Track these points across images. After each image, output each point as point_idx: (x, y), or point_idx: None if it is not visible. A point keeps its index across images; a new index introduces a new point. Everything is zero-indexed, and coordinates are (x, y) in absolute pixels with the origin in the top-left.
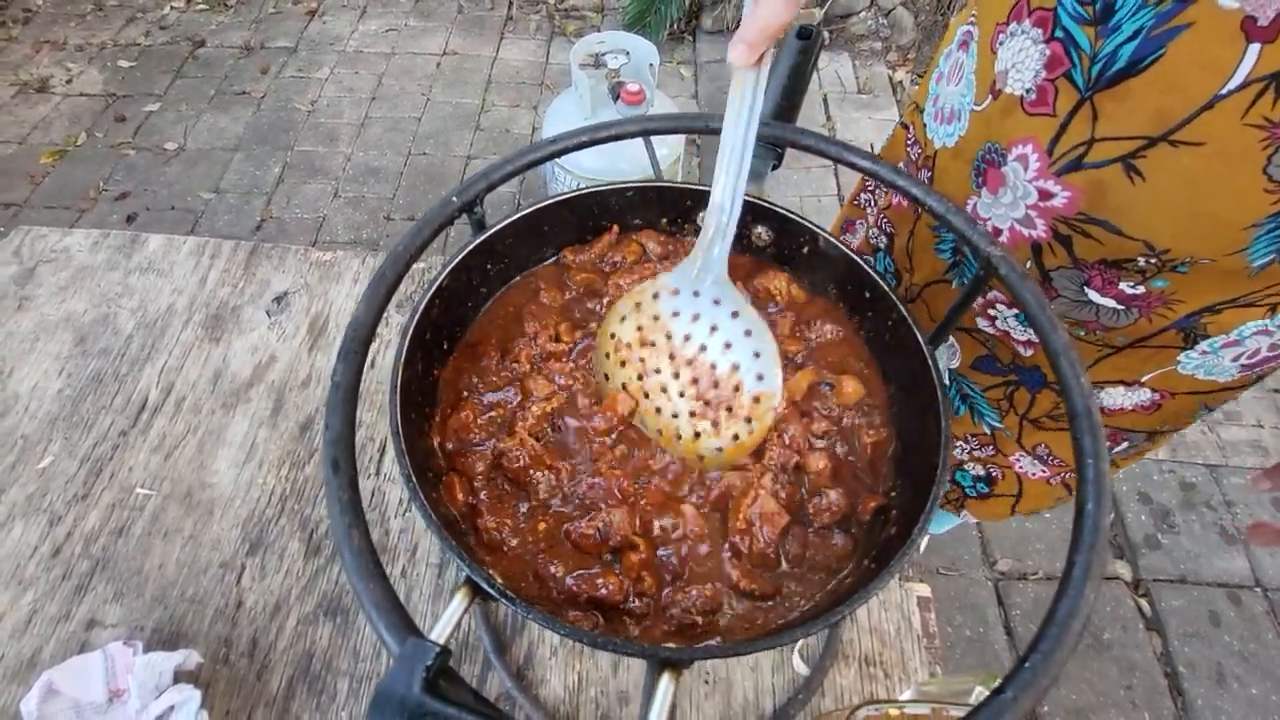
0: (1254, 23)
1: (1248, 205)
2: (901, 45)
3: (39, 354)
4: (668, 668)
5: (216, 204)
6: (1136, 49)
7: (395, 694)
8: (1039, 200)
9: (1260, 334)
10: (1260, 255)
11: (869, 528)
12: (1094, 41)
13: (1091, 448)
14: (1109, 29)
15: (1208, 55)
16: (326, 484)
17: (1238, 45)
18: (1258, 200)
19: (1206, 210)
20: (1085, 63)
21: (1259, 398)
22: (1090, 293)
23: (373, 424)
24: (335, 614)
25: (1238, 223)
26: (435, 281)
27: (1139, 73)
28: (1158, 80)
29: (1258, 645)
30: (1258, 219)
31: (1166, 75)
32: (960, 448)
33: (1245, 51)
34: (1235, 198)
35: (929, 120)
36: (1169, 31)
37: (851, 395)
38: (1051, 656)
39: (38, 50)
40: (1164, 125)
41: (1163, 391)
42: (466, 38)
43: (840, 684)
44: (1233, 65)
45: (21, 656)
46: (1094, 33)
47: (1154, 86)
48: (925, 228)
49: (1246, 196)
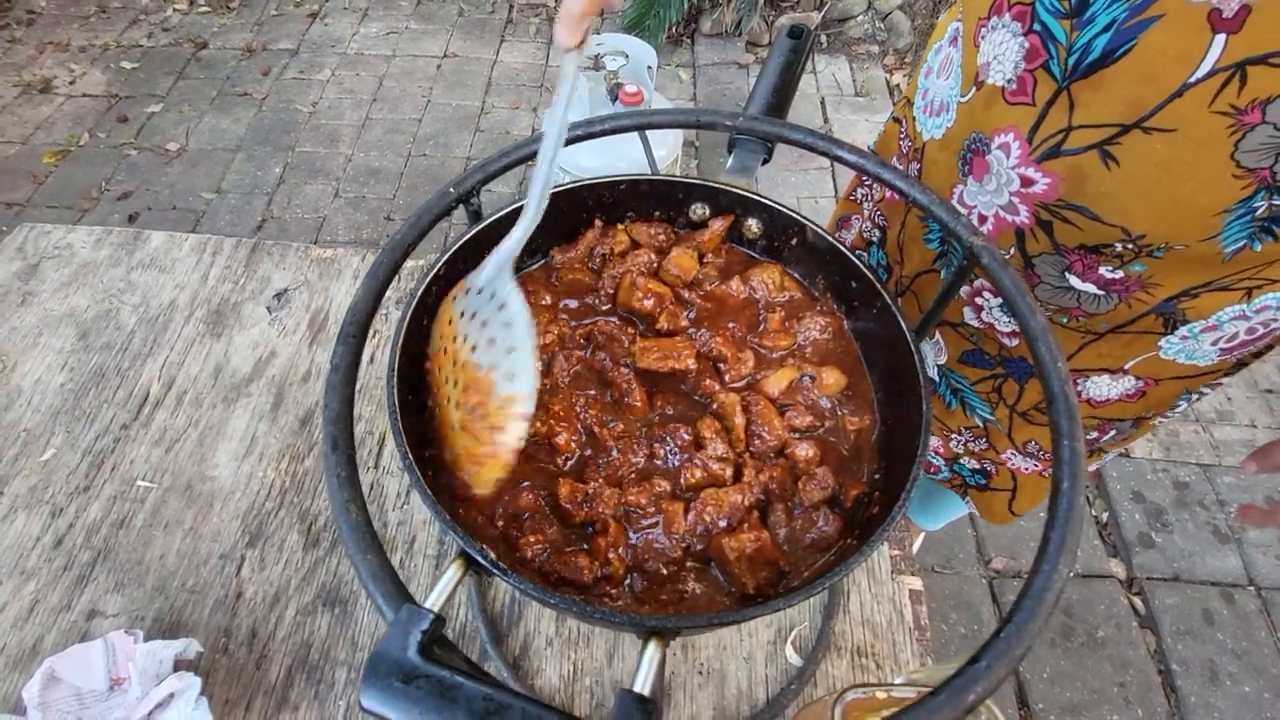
0: (1219, 14)
1: (1218, 191)
2: (898, 49)
3: (42, 348)
4: (654, 636)
5: (218, 204)
6: (1110, 40)
7: (390, 656)
8: (1021, 187)
9: (1238, 319)
10: (1232, 241)
11: (852, 511)
12: (1069, 34)
13: (1067, 429)
14: (1083, 21)
15: (1177, 45)
16: (325, 461)
17: (1204, 36)
18: (1227, 186)
19: (1179, 196)
20: (1062, 54)
21: (1251, 398)
22: (1071, 278)
23: (371, 418)
24: (333, 605)
25: (1209, 208)
26: (433, 269)
27: (1112, 63)
28: (1130, 70)
29: (1250, 643)
30: (1228, 204)
31: (1139, 65)
32: (955, 440)
33: (1211, 42)
34: (1206, 184)
35: (918, 113)
36: (1140, 23)
37: (833, 386)
38: (1025, 627)
39: (41, 51)
40: (1137, 113)
41: (1146, 378)
42: (467, 40)
43: (833, 675)
44: (1200, 55)
45: (24, 645)
46: (1069, 25)
47: (1127, 76)
48: (915, 218)
49: (1216, 182)
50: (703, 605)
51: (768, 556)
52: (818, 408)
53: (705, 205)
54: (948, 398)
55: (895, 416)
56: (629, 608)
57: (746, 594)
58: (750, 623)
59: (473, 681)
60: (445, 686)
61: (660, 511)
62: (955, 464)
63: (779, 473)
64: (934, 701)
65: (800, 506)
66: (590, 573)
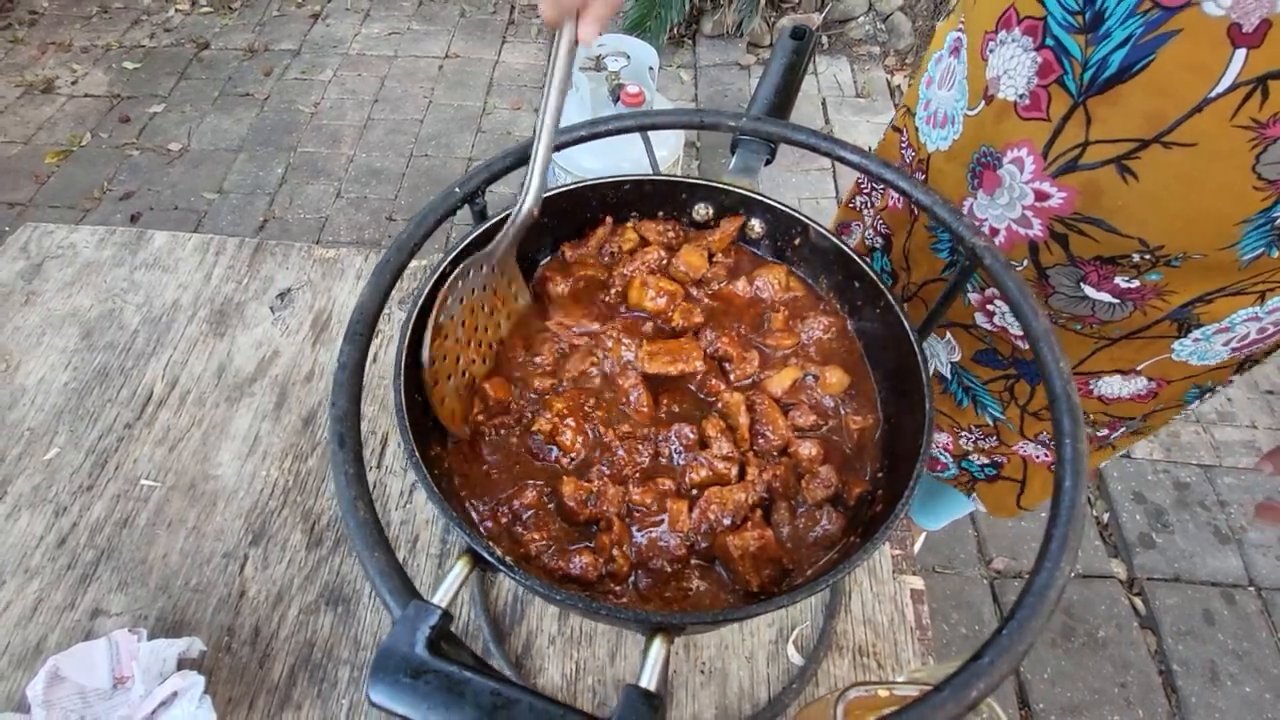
0: (1239, 29)
1: (1238, 202)
2: (899, 50)
3: (45, 348)
4: (659, 632)
5: (220, 204)
6: (1127, 55)
7: (398, 651)
8: (1035, 201)
9: (1250, 320)
10: (1250, 249)
11: (855, 510)
12: (1085, 49)
13: (1070, 429)
14: (1099, 36)
15: (1196, 60)
16: (332, 458)
17: (1224, 50)
18: (1248, 197)
19: (1198, 208)
20: (1077, 69)
21: (1252, 399)
22: (1086, 288)
23: (374, 417)
24: (336, 604)
25: (1229, 219)
26: (438, 268)
27: (1130, 78)
28: (1149, 85)
29: (1251, 644)
30: (1248, 215)
31: (1157, 80)
32: (965, 438)
33: (1232, 56)
34: (1226, 195)
35: (921, 124)
36: (1158, 38)
37: (836, 385)
38: (1027, 624)
39: (43, 52)
40: (1156, 128)
41: (1159, 379)
42: (468, 41)
43: (834, 674)
44: (1220, 69)
45: (28, 644)
46: (1084, 40)
47: (1145, 91)
48: (922, 228)
49: (1237, 194)
50: (707, 603)
51: (771, 554)
52: (821, 407)
53: (708, 205)
54: (959, 395)
55: (898, 415)
56: (634, 605)
57: (750, 592)
58: (752, 622)
59: (481, 676)
60: (453, 681)
61: (664, 510)
62: (964, 460)
63: (782, 471)
64: (937, 698)
65: (804, 505)
66: (595, 569)
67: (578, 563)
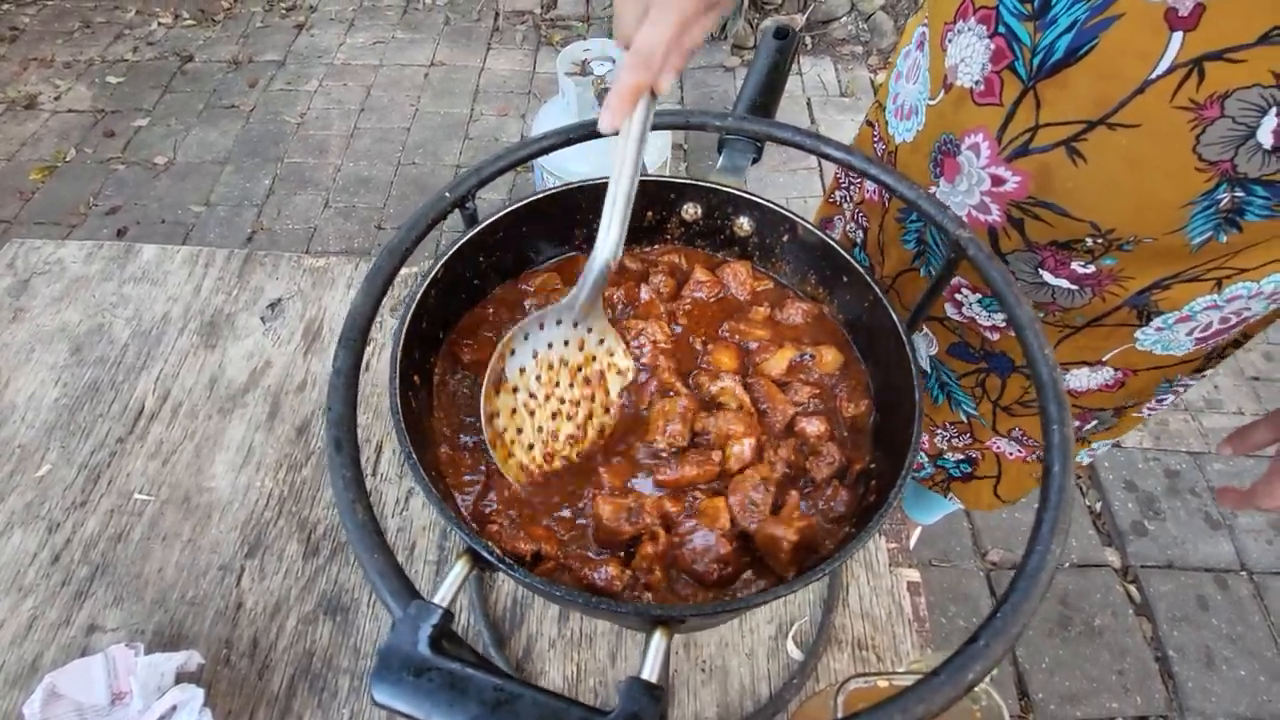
0: (1176, 13)
1: (1182, 184)
2: (882, 49)
3: (35, 364)
4: (660, 625)
5: (207, 217)
6: (1072, 40)
7: (400, 651)
8: (992, 186)
9: (1210, 308)
10: (1198, 232)
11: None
12: (1033, 35)
13: (1056, 414)
14: (1046, 23)
15: (1137, 43)
16: (330, 462)
17: (1163, 34)
18: (1191, 179)
19: (1145, 190)
20: (1026, 55)
21: (1239, 386)
22: (1044, 274)
23: (368, 425)
24: (335, 613)
25: (1174, 201)
26: (430, 273)
27: (1076, 62)
28: (1093, 68)
29: (1245, 627)
30: (1192, 197)
31: (1101, 63)
32: (940, 435)
33: (1170, 39)
34: (1170, 177)
35: (890, 117)
36: (1101, 23)
37: (831, 363)
38: (1020, 607)
39: (25, 68)
40: (1102, 109)
41: (1124, 369)
42: (454, 49)
43: (834, 668)
44: (1159, 52)
45: (23, 662)
46: (1033, 27)
47: (1090, 74)
48: (892, 219)
49: (1180, 176)
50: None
51: (809, 540)
52: (821, 383)
53: (697, 205)
54: (935, 392)
55: (889, 407)
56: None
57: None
58: (751, 619)
59: (483, 673)
60: (456, 678)
61: (698, 512)
62: (939, 459)
63: (789, 451)
64: (935, 681)
65: (813, 484)
66: (620, 581)
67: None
